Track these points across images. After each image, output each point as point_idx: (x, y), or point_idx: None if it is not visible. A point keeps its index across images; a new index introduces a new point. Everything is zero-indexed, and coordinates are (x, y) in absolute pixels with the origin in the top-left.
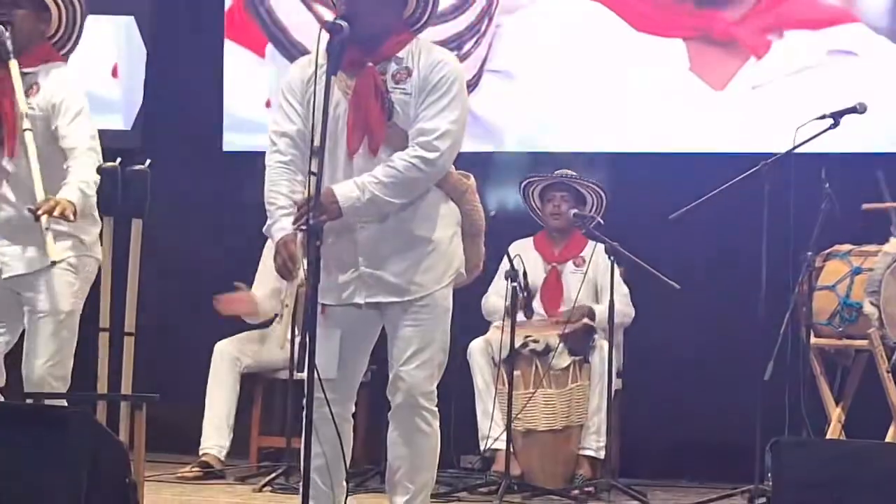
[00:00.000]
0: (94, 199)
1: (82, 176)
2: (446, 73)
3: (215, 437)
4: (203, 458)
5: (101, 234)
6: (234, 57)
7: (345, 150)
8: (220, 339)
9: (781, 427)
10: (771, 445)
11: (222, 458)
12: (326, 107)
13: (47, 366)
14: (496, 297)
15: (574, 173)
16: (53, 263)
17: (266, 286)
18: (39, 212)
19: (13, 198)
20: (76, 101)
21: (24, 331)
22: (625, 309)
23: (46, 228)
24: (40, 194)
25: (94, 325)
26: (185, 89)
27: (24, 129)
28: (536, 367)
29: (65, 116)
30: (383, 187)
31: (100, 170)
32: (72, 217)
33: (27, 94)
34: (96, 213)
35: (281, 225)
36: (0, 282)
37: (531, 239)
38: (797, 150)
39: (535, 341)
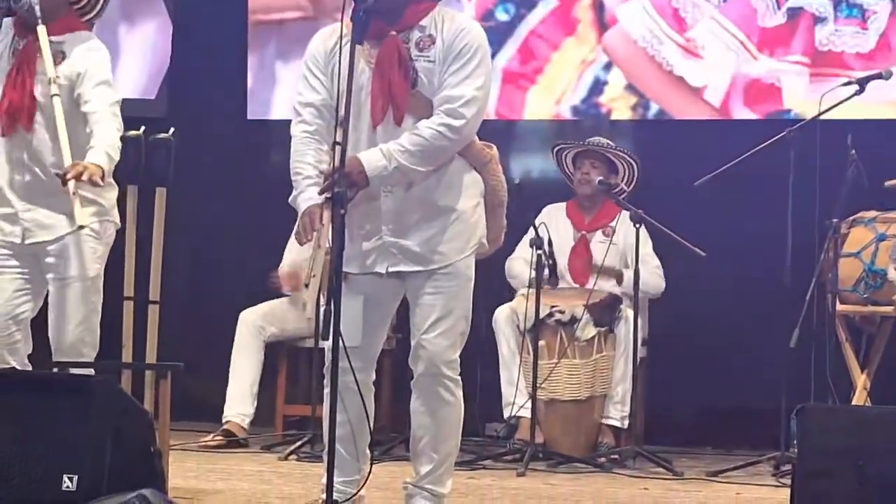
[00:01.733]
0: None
1: (108, 140)
2: (470, 41)
3: (239, 406)
4: (226, 427)
5: (124, 202)
6: (259, 25)
7: (369, 120)
8: (244, 308)
9: (807, 394)
10: (796, 412)
11: (245, 427)
12: (351, 75)
13: (78, 331)
14: (521, 261)
15: (607, 141)
16: (81, 228)
17: (293, 260)
18: (68, 176)
19: (34, 164)
20: (101, 70)
21: (46, 299)
22: (656, 280)
23: (74, 193)
24: (68, 159)
25: (118, 293)
26: (210, 58)
27: (53, 95)
28: (562, 337)
29: (88, 83)
30: (410, 155)
31: (123, 138)
32: (101, 182)
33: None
34: (112, 179)
35: (307, 195)
36: (24, 247)
37: (564, 205)
38: (823, 117)
39: (561, 312)
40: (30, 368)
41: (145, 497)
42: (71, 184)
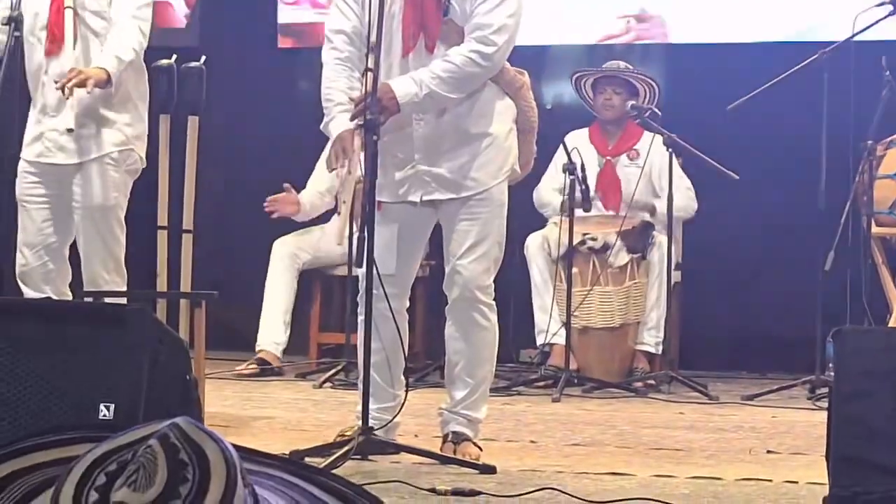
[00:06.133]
0: (144, 93)
1: (119, 42)
2: None
3: (272, 334)
4: (260, 355)
5: (156, 131)
6: None
7: (400, 48)
8: (277, 236)
9: (843, 317)
10: (833, 335)
11: (279, 355)
12: (383, 2)
13: (98, 261)
14: (549, 188)
15: (626, 65)
16: (70, 131)
17: (322, 184)
18: (68, 85)
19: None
20: None
21: None
22: (688, 203)
23: (67, 97)
24: (70, 65)
25: (152, 223)
26: None
27: (66, 7)
28: (594, 264)
29: None
30: (441, 82)
31: (155, 68)
32: (101, 85)
33: None
34: (142, 110)
35: (339, 121)
36: (46, 169)
37: (586, 130)
38: (857, 38)
39: (594, 239)
40: (68, 297)
41: (178, 426)
42: (66, 90)
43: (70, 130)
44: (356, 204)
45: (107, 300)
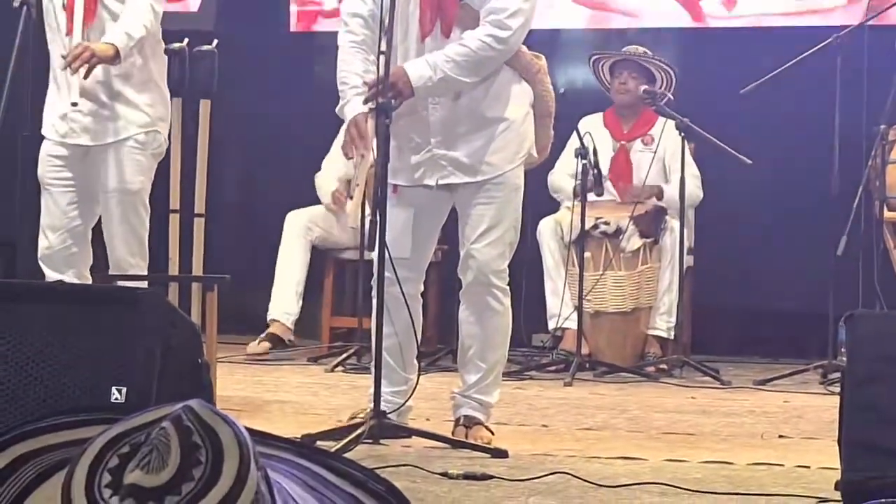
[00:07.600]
0: (164, 74)
1: (130, 20)
2: None
3: (284, 304)
4: (271, 330)
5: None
6: None
7: (417, 32)
8: None
9: (855, 302)
10: (845, 319)
11: (291, 327)
12: None
13: (123, 245)
14: (563, 174)
15: (644, 50)
16: (74, 105)
17: (339, 169)
18: (69, 59)
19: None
20: None
21: None
22: (694, 191)
23: (73, 73)
24: (77, 40)
25: (164, 207)
26: None
27: None
28: (606, 248)
29: None
30: (456, 66)
31: (167, 51)
32: (108, 61)
33: None
34: (164, 90)
35: (353, 105)
36: (72, 150)
37: (600, 115)
38: (870, 23)
39: (606, 223)
40: (89, 281)
41: (191, 408)
42: (72, 66)
43: (74, 105)
44: (369, 188)
45: (123, 283)
